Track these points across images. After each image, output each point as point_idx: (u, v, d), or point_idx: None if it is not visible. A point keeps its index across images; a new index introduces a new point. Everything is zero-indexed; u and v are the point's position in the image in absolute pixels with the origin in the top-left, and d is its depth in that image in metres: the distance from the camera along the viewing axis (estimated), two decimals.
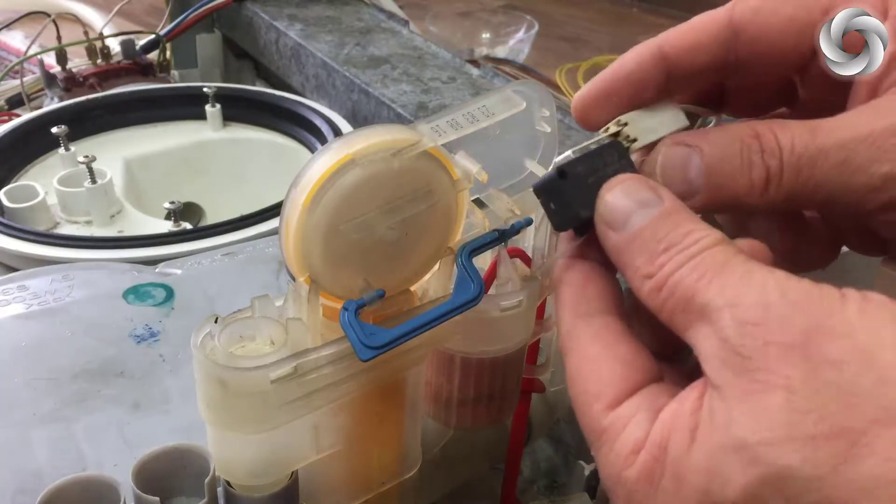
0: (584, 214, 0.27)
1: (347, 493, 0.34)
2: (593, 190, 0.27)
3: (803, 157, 0.26)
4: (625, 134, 0.29)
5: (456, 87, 0.72)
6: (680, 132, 0.29)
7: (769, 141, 0.26)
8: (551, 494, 0.52)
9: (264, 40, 0.89)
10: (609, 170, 0.27)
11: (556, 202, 0.28)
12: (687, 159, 0.27)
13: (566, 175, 0.27)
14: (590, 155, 0.28)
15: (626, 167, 0.28)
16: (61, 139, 0.69)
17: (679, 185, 0.27)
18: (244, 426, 0.29)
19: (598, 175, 0.27)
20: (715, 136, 0.27)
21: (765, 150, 0.26)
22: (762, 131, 0.27)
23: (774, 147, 0.26)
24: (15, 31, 1.12)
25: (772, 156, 0.26)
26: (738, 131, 0.27)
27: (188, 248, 0.56)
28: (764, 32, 0.29)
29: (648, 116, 0.30)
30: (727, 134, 0.27)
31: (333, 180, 0.27)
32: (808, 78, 0.30)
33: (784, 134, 0.26)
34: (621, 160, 0.28)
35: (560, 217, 0.28)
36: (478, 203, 0.32)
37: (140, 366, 0.43)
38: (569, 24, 1.53)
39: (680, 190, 0.27)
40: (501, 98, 0.30)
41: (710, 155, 0.27)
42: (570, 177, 0.27)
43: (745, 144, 0.27)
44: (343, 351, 0.29)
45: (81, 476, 0.32)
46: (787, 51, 0.29)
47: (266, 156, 0.79)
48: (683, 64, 0.30)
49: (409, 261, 0.31)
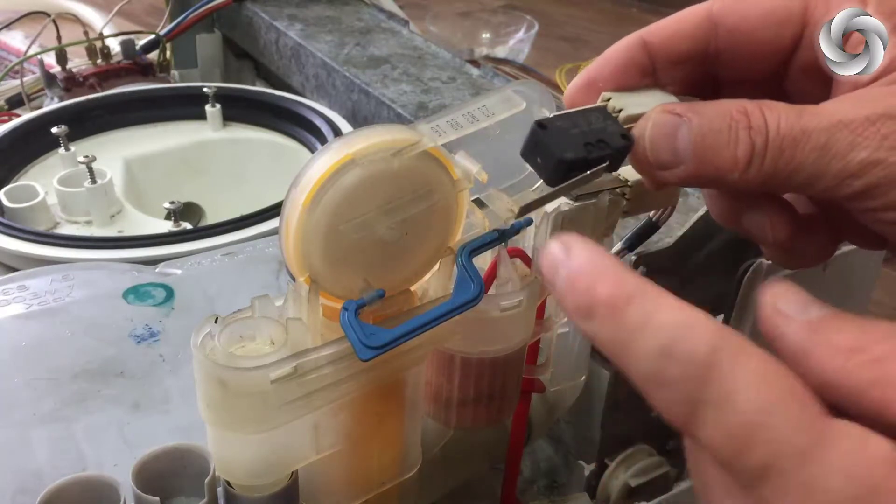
0: (568, 157, 0.26)
1: (347, 493, 0.34)
2: (576, 137, 0.27)
3: (787, 138, 0.26)
4: (611, 106, 0.30)
5: (456, 87, 0.72)
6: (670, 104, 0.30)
7: (757, 118, 0.27)
8: (551, 494, 0.52)
9: (264, 40, 0.89)
10: (594, 127, 0.28)
11: (540, 155, 0.27)
12: (676, 128, 0.28)
13: (545, 126, 0.27)
14: (571, 114, 0.28)
15: (612, 126, 0.28)
16: (61, 139, 0.69)
17: (665, 154, 0.28)
18: (244, 426, 0.29)
19: (580, 128, 0.27)
20: (705, 108, 0.28)
21: (752, 126, 0.27)
22: (751, 109, 0.27)
23: (762, 124, 0.27)
24: (15, 31, 1.12)
25: (758, 133, 0.27)
26: (728, 106, 0.27)
27: (188, 248, 0.56)
28: (742, 24, 0.30)
29: (634, 96, 0.30)
30: (717, 108, 0.28)
31: (333, 180, 0.27)
32: (791, 71, 0.31)
33: (772, 113, 0.27)
34: (606, 121, 0.28)
35: (547, 168, 0.27)
36: (478, 203, 0.32)
37: (140, 366, 0.43)
38: (569, 24, 1.53)
39: (666, 158, 0.28)
40: (501, 98, 0.30)
41: (699, 125, 0.27)
42: (550, 127, 0.27)
43: (734, 119, 0.27)
44: (343, 351, 0.29)
45: (81, 476, 0.32)
46: (765, 42, 0.30)
47: (266, 156, 0.78)
48: (665, 52, 0.30)
49: (409, 261, 0.31)
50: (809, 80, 0.30)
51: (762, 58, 0.31)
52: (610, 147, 0.28)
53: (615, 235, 0.39)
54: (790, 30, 0.30)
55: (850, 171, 0.26)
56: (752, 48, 0.30)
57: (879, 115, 0.26)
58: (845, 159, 0.26)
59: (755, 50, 0.30)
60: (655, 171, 0.29)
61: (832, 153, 0.26)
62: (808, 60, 0.30)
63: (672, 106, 0.29)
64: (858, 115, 0.26)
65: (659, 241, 0.46)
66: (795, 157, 0.26)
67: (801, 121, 0.27)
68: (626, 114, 0.29)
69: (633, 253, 0.43)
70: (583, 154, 0.27)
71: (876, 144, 0.26)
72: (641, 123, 0.29)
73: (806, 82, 0.31)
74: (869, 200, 0.27)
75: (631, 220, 0.40)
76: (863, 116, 0.26)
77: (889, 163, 0.26)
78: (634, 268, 0.46)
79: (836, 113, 0.26)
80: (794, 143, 0.26)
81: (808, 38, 0.30)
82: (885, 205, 0.27)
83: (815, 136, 0.26)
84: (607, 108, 0.29)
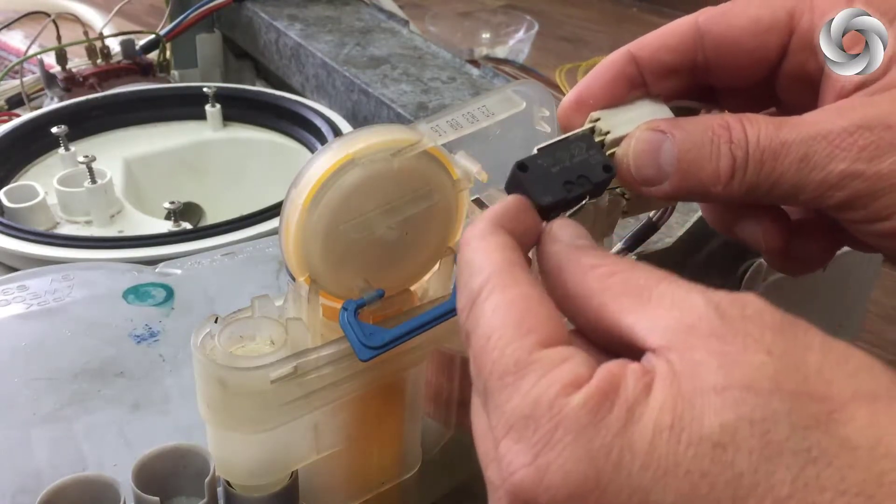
0: (547, 201, 0.27)
1: (347, 493, 0.34)
2: (557, 177, 0.27)
3: (767, 151, 0.27)
4: (598, 129, 0.30)
5: (456, 87, 0.72)
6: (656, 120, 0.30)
7: (738, 132, 0.27)
8: None
9: (264, 40, 0.89)
10: (576, 160, 0.28)
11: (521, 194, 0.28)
12: (659, 144, 0.28)
13: (526, 168, 0.28)
14: (554, 147, 0.28)
15: (595, 156, 0.28)
16: (61, 139, 0.69)
17: (650, 170, 0.29)
18: (244, 426, 0.29)
19: (562, 165, 0.28)
20: (688, 124, 0.28)
21: (733, 140, 0.27)
22: (732, 123, 0.28)
23: (742, 138, 0.27)
24: (15, 31, 1.12)
25: (738, 147, 0.27)
26: (710, 121, 0.28)
27: (188, 248, 0.56)
28: (728, 33, 0.30)
29: (624, 112, 0.31)
30: (699, 123, 0.28)
31: (333, 180, 0.27)
32: (780, 79, 0.31)
33: (752, 126, 0.27)
34: (589, 150, 0.29)
35: None
36: (478, 203, 0.32)
37: (140, 366, 0.43)
38: (569, 24, 1.53)
39: (650, 174, 0.29)
40: (501, 98, 0.30)
41: (682, 141, 0.28)
42: (532, 169, 0.28)
43: (716, 134, 0.28)
44: (343, 351, 0.29)
45: (81, 476, 0.32)
46: (752, 51, 0.30)
47: (266, 156, 0.78)
48: (653, 65, 0.31)
49: (408, 261, 0.31)
50: (798, 88, 0.31)
51: (749, 67, 0.31)
52: (591, 182, 0.28)
53: (615, 235, 0.39)
54: (776, 38, 0.30)
55: (830, 183, 0.26)
56: (739, 57, 0.31)
57: (857, 126, 0.26)
58: (825, 170, 0.26)
59: (742, 59, 0.31)
60: (640, 188, 0.29)
61: (811, 164, 0.26)
62: (795, 68, 0.30)
63: (656, 123, 0.29)
64: (836, 126, 0.26)
65: (659, 241, 0.46)
66: (776, 169, 0.27)
67: (780, 133, 0.27)
68: (612, 136, 0.30)
69: (633, 253, 0.43)
70: (562, 195, 0.27)
71: (854, 156, 0.26)
72: (625, 142, 0.29)
73: (795, 90, 0.31)
74: (851, 212, 0.27)
75: (631, 220, 0.40)
76: (840, 127, 0.26)
77: (868, 175, 0.26)
78: None
79: (815, 124, 0.27)
80: (774, 156, 0.27)
81: (794, 47, 0.30)
82: (867, 216, 0.27)
83: (795, 148, 0.27)
84: (595, 130, 0.30)
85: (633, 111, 0.31)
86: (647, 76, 0.31)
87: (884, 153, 0.26)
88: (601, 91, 0.31)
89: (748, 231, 0.32)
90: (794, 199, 0.27)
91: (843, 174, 0.26)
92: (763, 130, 0.27)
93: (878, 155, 0.26)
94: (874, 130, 0.26)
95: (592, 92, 0.31)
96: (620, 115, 0.30)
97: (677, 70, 0.31)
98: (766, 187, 0.27)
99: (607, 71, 0.31)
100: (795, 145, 0.27)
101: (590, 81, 0.31)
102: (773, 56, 0.30)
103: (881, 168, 0.26)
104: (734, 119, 0.28)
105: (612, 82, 0.31)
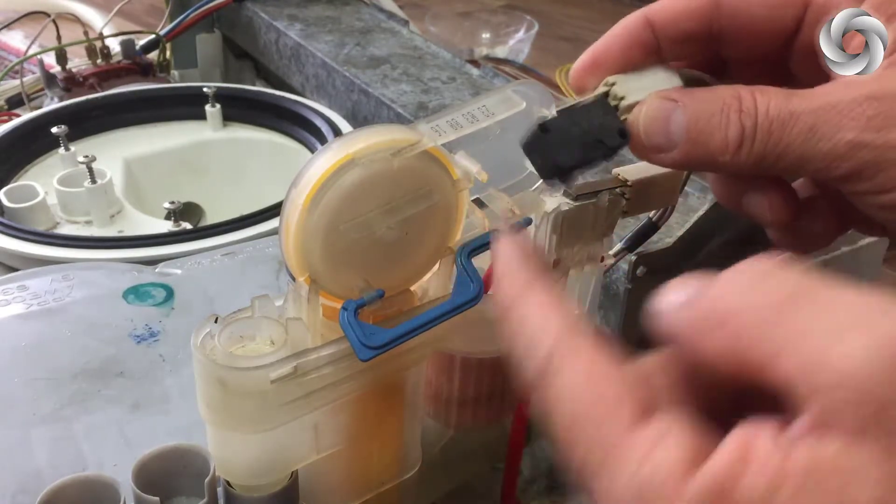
0: (564, 164, 0.28)
1: (347, 493, 0.34)
2: (575, 140, 0.28)
3: (776, 121, 0.27)
4: (613, 93, 0.30)
5: (456, 87, 0.72)
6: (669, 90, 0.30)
7: (748, 102, 0.28)
8: (551, 494, 0.52)
9: (264, 40, 0.89)
10: (593, 123, 0.29)
11: (540, 157, 0.29)
12: (670, 113, 0.29)
13: (548, 129, 0.28)
14: (573, 111, 0.29)
15: (611, 121, 0.29)
16: (61, 139, 0.69)
17: (659, 138, 0.29)
18: (244, 426, 0.29)
19: (581, 127, 0.29)
20: (699, 93, 0.29)
21: (743, 110, 0.28)
22: (744, 94, 0.28)
23: (752, 108, 0.27)
24: (15, 31, 1.12)
25: (748, 116, 0.27)
26: (722, 92, 0.28)
27: (188, 248, 0.56)
28: (744, 2, 0.30)
29: (638, 78, 0.31)
30: (711, 93, 0.28)
31: (333, 180, 0.27)
32: (794, 52, 0.31)
33: (762, 97, 0.28)
34: (605, 115, 0.29)
35: (543, 168, 0.30)
36: (478, 203, 0.32)
37: (140, 366, 0.43)
38: (569, 24, 1.53)
39: (660, 142, 0.29)
40: (501, 98, 0.30)
41: (693, 110, 0.28)
42: (552, 129, 0.28)
43: (726, 104, 0.28)
44: (343, 351, 0.29)
45: (81, 476, 0.32)
46: (767, 23, 0.31)
47: (266, 156, 0.78)
48: (668, 31, 0.31)
49: (408, 261, 0.31)
50: (811, 62, 0.31)
51: (764, 38, 0.31)
52: (607, 146, 0.29)
53: (615, 235, 0.39)
54: (792, 11, 0.30)
55: (837, 153, 0.27)
56: (754, 28, 0.31)
57: (865, 97, 0.26)
58: (832, 141, 0.26)
59: (757, 30, 0.31)
60: (650, 154, 0.30)
61: (819, 135, 0.27)
62: (809, 42, 0.30)
63: (668, 92, 0.29)
64: (845, 97, 0.27)
65: (659, 241, 0.46)
66: (783, 139, 0.27)
67: (789, 104, 0.27)
68: (626, 102, 0.30)
69: (633, 253, 0.43)
70: (579, 158, 0.28)
71: (862, 126, 0.26)
72: (637, 108, 0.30)
73: (808, 63, 0.31)
74: (858, 183, 0.27)
75: (631, 220, 0.40)
76: (849, 98, 0.26)
77: (875, 145, 0.26)
78: (634, 268, 0.46)
79: (824, 95, 0.27)
80: (782, 126, 0.27)
81: (809, 19, 0.30)
82: (874, 187, 0.27)
83: (803, 119, 0.27)
84: (609, 95, 0.30)
85: (648, 78, 0.31)
86: (662, 41, 0.31)
87: (892, 123, 0.26)
88: (617, 55, 0.31)
89: (754, 204, 0.32)
90: (802, 169, 0.28)
91: (851, 144, 0.26)
92: (773, 101, 0.27)
93: (886, 125, 0.26)
94: (883, 101, 0.26)
95: (608, 56, 0.31)
96: (635, 81, 0.30)
97: (693, 38, 0.31)
98: (774, 157, 0.27)
99: (623, 35, 0.31)
100: (804, 115, 0.27)
101: (606, 44, 0.31)
102: (788, 28, 0.30)
103: (889, 138, 0.26)
104: (746, 90, 0.28)
105: (628, 47, 0.31)
